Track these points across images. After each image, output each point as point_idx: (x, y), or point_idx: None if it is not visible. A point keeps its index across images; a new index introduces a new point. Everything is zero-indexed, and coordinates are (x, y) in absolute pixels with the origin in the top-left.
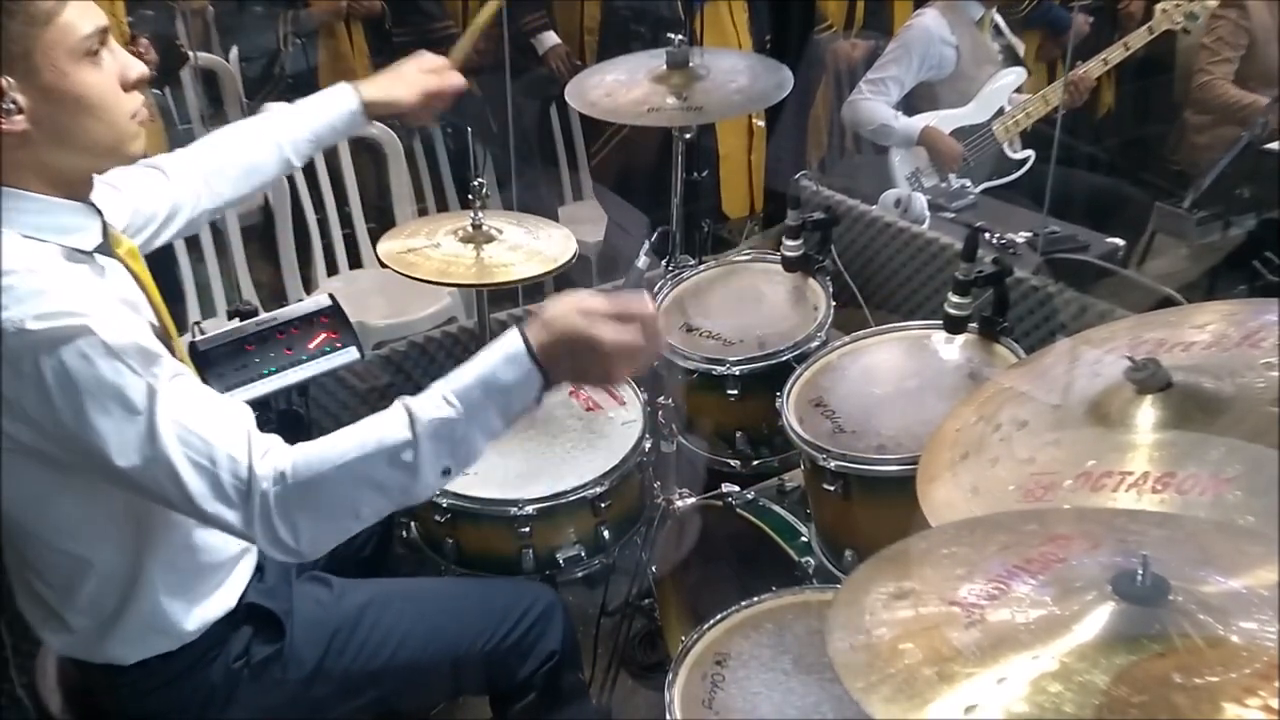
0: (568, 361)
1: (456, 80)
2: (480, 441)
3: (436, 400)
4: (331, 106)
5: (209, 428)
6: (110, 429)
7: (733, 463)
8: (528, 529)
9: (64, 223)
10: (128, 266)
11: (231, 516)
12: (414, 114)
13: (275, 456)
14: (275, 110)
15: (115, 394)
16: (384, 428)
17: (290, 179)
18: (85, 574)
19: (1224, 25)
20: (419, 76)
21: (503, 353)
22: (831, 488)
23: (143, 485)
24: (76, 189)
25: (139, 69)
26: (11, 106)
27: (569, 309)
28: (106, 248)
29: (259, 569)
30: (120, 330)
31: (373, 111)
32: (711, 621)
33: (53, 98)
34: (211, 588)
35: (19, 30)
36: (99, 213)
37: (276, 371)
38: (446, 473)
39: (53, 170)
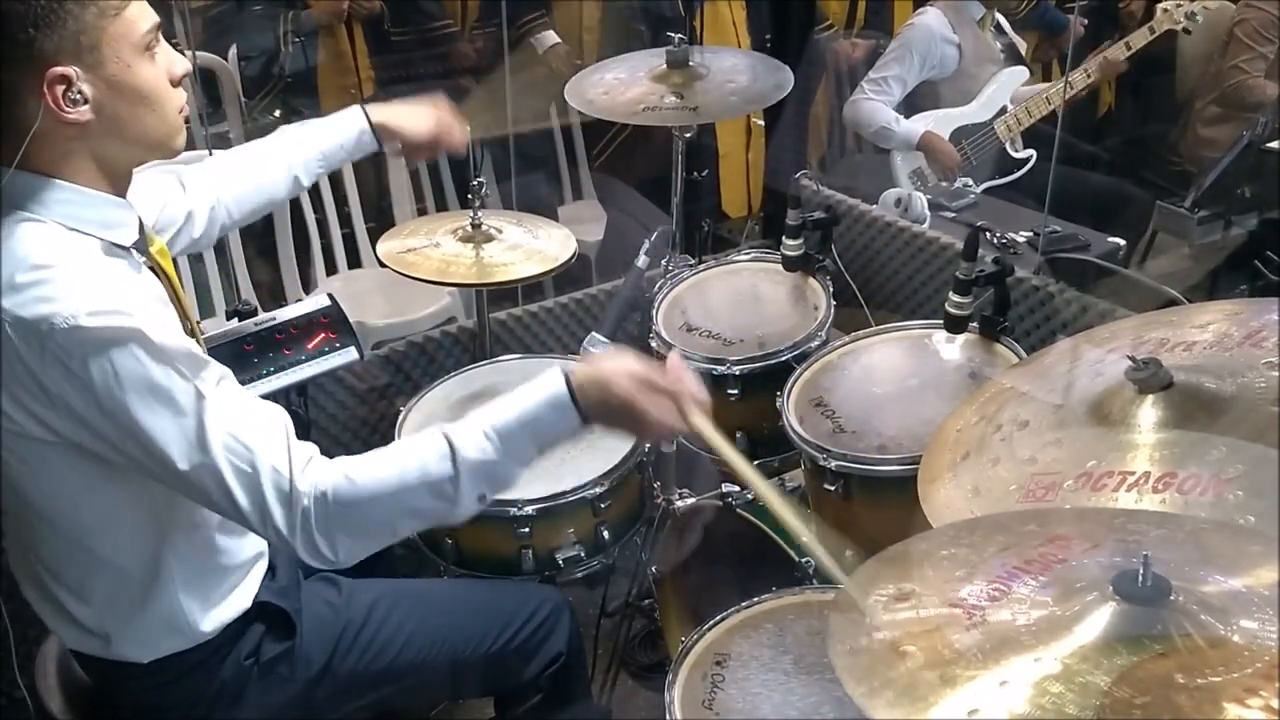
0: (605, 416)
1: (463, 139)
2: (516, 473)
3: (478, 438)
4: (341, 127)
5: (253, 436)
6: (160, 431)
7: None
8: (527, 529)
9: (106, 217)
10: (159, 265)
11: (273, 524)
12: (415, 149)
13: (317, 471)
14: (287, 131)
15: (165, 397)
16: (426, 459)
17: None
18: (102, 572)
19: (1258, 16)
20: (433, 116)
21: (547, 396)
22: (832, 488)
23: (191, 488)
24: (119, 183)
25: (184, 65)
26: (78, 97)
27: (622, 372)
28: (143, 244)
29: (271, 568)
30: (169, 333)
31: (380, 134)
32: (712, 622)
33: (116, 89)
34: (228, 589)
35: (90, 21)
36: (134, 210)
37: (275, 371)
38: (482, 499)
39: (103, 162)
